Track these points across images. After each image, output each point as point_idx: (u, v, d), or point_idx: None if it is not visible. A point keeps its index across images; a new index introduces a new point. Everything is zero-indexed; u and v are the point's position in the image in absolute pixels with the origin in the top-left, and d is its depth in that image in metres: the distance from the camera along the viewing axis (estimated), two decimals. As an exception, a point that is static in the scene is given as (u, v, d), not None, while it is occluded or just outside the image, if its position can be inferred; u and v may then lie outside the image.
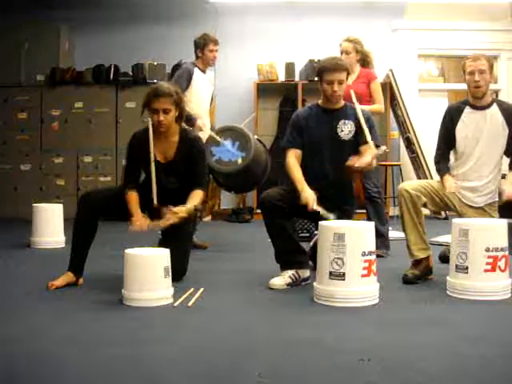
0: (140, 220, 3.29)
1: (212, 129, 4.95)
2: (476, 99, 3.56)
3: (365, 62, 4.56)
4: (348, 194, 3.59)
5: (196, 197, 3.44)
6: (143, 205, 3.39)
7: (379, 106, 4.49)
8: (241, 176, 4.61)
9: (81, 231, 3.35)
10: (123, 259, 2.96)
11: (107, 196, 3.47)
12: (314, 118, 3.53)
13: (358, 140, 3.48)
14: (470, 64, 3.49)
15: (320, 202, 3.29)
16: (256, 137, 5.05)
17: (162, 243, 3.48)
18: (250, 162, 4.49)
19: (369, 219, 4.28)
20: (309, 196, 3.27)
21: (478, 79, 3.47)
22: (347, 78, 3.47)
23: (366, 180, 4.33)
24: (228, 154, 4.55)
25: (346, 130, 3.49)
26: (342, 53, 4.47)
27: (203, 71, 4.87)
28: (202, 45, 4.80)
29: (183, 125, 3.65)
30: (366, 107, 4.37)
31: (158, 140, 3.45)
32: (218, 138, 4.52)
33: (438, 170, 3.66)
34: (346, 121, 3.50)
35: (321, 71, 3.45)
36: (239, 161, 4.51)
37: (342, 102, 3.55)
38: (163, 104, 3.34)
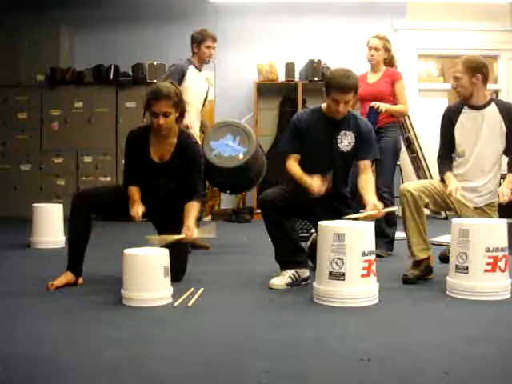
0: (136, 208, 3.24)
1: (204, 126, 4.85)
2: (470, 100, 3.56)
3: (390, 62, 4.52)
4: (345, 202, 3.53)
5: (193, 211, 3.31)
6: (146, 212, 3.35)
7: (403, 106, 4.43)
8: (239, 173, 4.52)
9: (76, 230, 3.35)
10: (123, 259, 2.97)
11: (101, 194, 3.46)
12: (314, 124, 3.44)
13: (356, 153, 3.42)
14: (450, 70, 3.53)
15: (321, 207, 3.27)
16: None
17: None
18: (251, 157, 4.39)
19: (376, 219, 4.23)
20: (315, 183, 3.24)
21: (455, 86, 3.52)
22: (355, 94, 3.33)
23: (378, 179, 4.21)
24: (228, 148, 4.44)
25: (345, 141, 3.42)
26: (370, 49, 4.42)
27: (199, 69, 4.70)
28: (200, 40, 4.64)
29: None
30: (390, 106, 4.32)
31: (157, 140, 3.42)
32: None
33: (441, 171, 3.64)
34: (347, 132, 3.42)
35: (329, 86, 3.31)
36: (240, 156, 4.42)
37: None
38: (163, 107, 3.25)
